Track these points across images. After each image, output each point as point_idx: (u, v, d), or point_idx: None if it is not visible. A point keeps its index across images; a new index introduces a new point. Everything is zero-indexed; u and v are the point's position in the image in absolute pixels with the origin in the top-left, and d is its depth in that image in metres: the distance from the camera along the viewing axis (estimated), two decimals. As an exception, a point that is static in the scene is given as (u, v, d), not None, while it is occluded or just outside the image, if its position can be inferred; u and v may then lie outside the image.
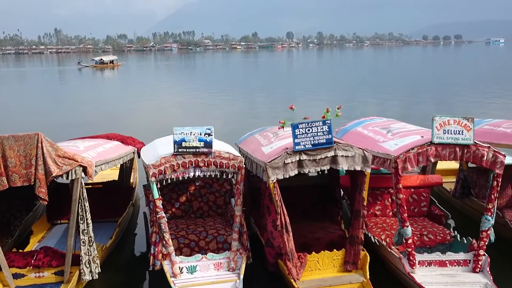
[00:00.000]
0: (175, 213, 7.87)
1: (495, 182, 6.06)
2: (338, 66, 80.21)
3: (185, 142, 5.80)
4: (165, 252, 6.04)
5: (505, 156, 6.01)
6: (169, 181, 5.93)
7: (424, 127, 7.31)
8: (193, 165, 5.85)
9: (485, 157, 5.94)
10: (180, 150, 5.81)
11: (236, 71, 68.46)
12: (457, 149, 5.95)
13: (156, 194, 5.87)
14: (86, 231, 6.11)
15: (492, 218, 6.13)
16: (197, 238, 6.80)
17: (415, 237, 6.82)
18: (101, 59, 78.78)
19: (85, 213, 6.08)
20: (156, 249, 6.11)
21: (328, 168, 5.98)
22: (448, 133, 5.92)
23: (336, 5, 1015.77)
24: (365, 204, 6.24)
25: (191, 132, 5.80)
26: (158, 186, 5.94)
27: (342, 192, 7.97)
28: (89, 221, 6.15)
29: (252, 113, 24.49)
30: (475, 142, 5.96)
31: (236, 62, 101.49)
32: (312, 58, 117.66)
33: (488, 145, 6.05)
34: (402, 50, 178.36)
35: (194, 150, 5.83)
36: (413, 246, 6.16)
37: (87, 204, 6.11)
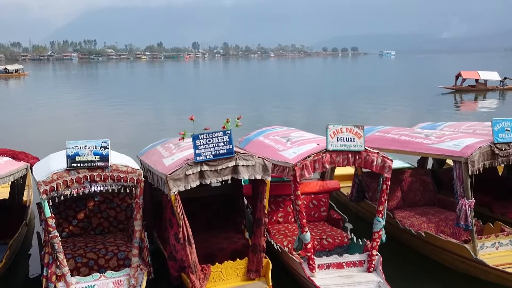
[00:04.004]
0: (73, 231, 7.47)
1: (385, 186, 6.47)
2: (244, 76, 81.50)
3: (79, 156, 5.53)
4: (59, 273, 5.70)
5: (392, 161, 6.44)
6: (62, 197, 5.62)
7: (321, 135, 7.63)
8: (88, 180, 5.59)
9: (375, 162, 6.33)
10: (73, 165, 5.52)
11: (141, 82, 66.97)
12: (350, 155, 6.27)
13: (48, 212, 5.53)
14: (-31, 256, 5.60)
15: (383, 220, 6.53)
16: (96, 256, 6.50)
17: (315, 242, 7.07)
18: (5, 68, 73.79)
19: (-32, 236, 5.57)
20: (49, 271, 5.75)
21: (230, 178, 6.03)
22: (341, 141, 6.22)
23: (240, 17, 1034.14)
24: (266, 212, 6.36)
25: (85, 146, 5.55)
26: (51, 203, 5.61)
27: (246, 201, 8.07)
28: (-27, 245, 5.65)
29: (157, 125, 24.07)
30: (365, 149, 6.32)
31: (141, 72, 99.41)
32: (218, 69, 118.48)
33: (377, 151, 6.45)
34: (304, 61, 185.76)
35: (89, 164, 5.57)
36: (312, 250, 6.38)
37: (-30, 226, 5.61)
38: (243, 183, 7.67)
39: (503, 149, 6.74)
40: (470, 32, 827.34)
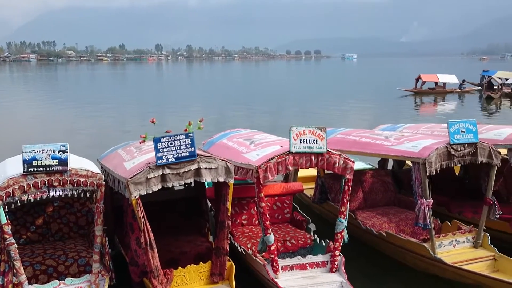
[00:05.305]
0: (31, 237, 7.24)
1: (347, 187, 6.57)
2: (207, 78, 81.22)
3: (36, 160, 5.37)
4: (16, 282, 5.51)
5: (354, 162, 6.54)
6: (19, 203, 5.44)
7: (285, 137, 7.69)
8: (47, 185, 5.44)
9: (337, 163, 6.41)
10: (30, 169, 5.36)
11: (103, 84, 65.75)
12: (312, 157, 6.33)
13: (3, 219, 5.33)
14: None
15: (345, 220, 6.62)
16: (55, 262, 6.32)
17: (279, 243, 7.10)
18: None
19: None
20: (6, 280, 5.54)
21: (192, 181, 5.99)
22: (304, 143, 6.28)
23: (204, 19, 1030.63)
24: (229, 214, 6.34)
25: (43, 150, 5.39)
26: (7, 210, 5.42)
27: (209, 204, 8.03)
28: None
29: (118, 128, 23.67)
30: (328, 150, 6.39)
31: (103, 74, 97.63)
32: (182, 71, 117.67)
33: (339, 153, 6.55)
34: (268, 64, 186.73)
35: (46, 169, 5.42)
36: (276, 252, 6.40)
37: None
38: (206, 186, 7.64)
39: (459, 150, 6.94)
40: (428, 36, 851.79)
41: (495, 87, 39.35)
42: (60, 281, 5.84)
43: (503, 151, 7.74)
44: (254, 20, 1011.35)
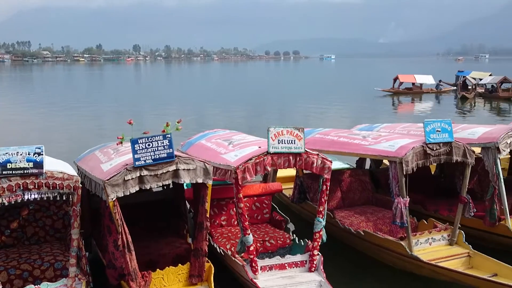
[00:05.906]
0: (5, 241, 7.10)
1: (325, 186, 6.62)
2: (186, 79, 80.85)
3: (11, 163, 5.26)
4: (-11, 287, 5.42)
5: (331, 162, 6.60)
6: (-7, 207, 5.34)
7: (263, 138, 7.70)
8: (21, 188, 5.34)
9: (315, 163, 6.46)
10: (4, 172, 5.25)
11: (79, 85, 64.82)
12: (291, 157, 6.37)
13: (-23, 223, 5.24)
14: None
15: (323, 220, 6.67)
16: (31, 267, 6.22)
17: (258, 244, 7.11)
18: None
19: None
20: (-21, 285, 5.45)
21: (171, 182, 5.96)
22: (282, 143, 6.31)
23: (182, 19, 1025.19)
24: (208, 215, 6.33)
25: (17, 152, 5.29)
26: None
27: (188, 205, 8.00)
28: None
29: (96, 129, 23.37)
30: (306, 150, 6.43)
31: (79, 75, 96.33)
32: (160, 72, 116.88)
33: (317, 153, 6.59)
34: (247, 64, 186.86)
35: (21, 171, 5.32)
36: (255, 252, 6.41)
37: None
38: (185, 187, 7.61)
39: (434, 149, 7.05)
40: (405, 37, 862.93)
41: (469, 87, 40.11)
42: (36, 286, 5.73)
43: (477, 150, 7.89)
44: (232, 20, 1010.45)
